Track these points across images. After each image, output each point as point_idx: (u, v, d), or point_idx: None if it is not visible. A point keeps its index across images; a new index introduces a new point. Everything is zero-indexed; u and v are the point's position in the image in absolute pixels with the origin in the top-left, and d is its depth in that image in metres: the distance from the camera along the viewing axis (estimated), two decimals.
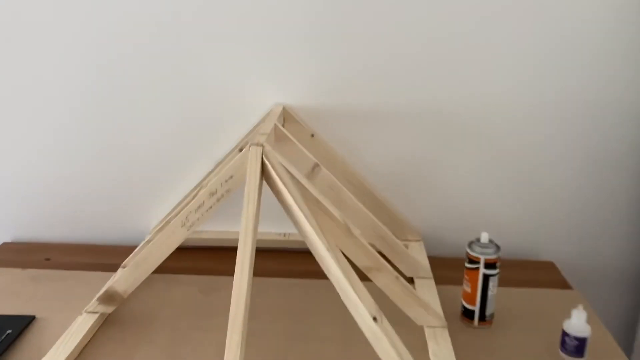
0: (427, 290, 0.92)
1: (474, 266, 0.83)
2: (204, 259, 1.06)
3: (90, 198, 1.14)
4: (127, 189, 1.12)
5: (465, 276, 0.85)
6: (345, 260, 0.68)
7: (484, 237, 0.83)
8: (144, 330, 0.84)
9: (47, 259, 1.07)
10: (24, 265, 1.04)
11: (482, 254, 0.82)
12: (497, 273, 0.83)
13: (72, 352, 0.76)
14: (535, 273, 1.03)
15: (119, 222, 1.15)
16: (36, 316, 0.87)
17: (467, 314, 0.85)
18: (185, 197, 1.06)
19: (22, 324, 0.84)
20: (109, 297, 0.84)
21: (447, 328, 0.82)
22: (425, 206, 1.10)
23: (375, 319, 0.63)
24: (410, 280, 0.95)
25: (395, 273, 0.81)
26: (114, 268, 1.00)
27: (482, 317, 0.84)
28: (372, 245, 0.82)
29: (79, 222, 1.16)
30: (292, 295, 0.94)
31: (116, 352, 0.79)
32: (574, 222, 1.09)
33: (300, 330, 0.84)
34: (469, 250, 0.83)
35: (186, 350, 0.79)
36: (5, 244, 1.15)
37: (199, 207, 0.78)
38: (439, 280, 0.96)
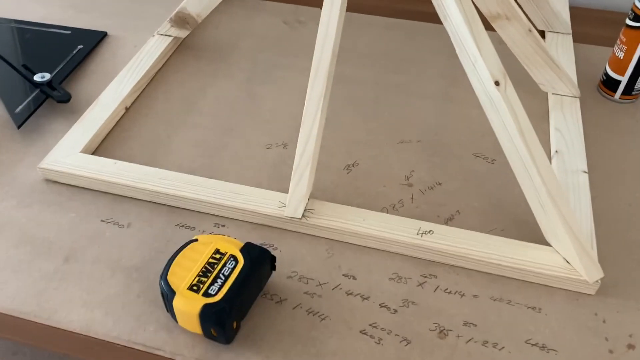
0: (562, 49, 0.73)
1: (638, 25, 0.62)
2: None
3: None
4: None
5: (622, 37, 0.65)
6: (470, 2, 0.50)
7: None
8: (220, 61, 0.75)
9: None
10: None
11: None
12: None
13: (144, 74, 0.70)
14: None
15: None
16: (107, 32, 0.79)
17: (609, 84, 0.68)
18: None
19: (94, 40, 0.77)
20: (181, 20, 0.73)
21: (579, 99, 0.66)
22: None
23: (497, 82, 0.49)
24: (541, 34, 0.76)
25: (529, 24, 0.62)
26: None
27: (629, 89, 0.66)
28: None
29: None
30: (392, 39, 0.79)
31: (190, 80, 0.71)
32: None
33: (397, 80, 0.72)
34: (637, 2, 0.61)
35: (265, 89, 0.70)
36: None
37: None
38: (578, 37, 0.77)
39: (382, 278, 0.50)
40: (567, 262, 0.49)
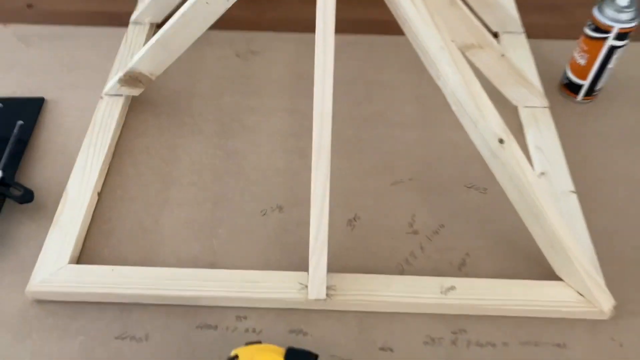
0: (521, 54, 0.75)
1: (599, 35, 0.64)
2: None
3: None
4: None
5: (583, 46, 0.67)
6: (464, 62, 0.49)
7: None
8: (182, 114, 0.70)
9: (29, 5, 0.84)
10: (1, 15, 0.82)
11: (616, 21, 0.62)
12: (626, 43, 0.65)
13: (107, 150, 0.64)
14: None
15: None
16: (44, 97, 0.71)
17: (571, 88, 0.70)
18: None
19: (32, 110, 0.69)
20: (133, 80, 0.66)
21: (548, 109, 0.69)
22: None
23: (501, 140, 0.50)
24: (495, 35, 0.77)
25: (501, 49, 0.63)
26: (117, 18, 0.79)
27: (590, 92, 0.70)
28: None
29: None
30: (353, 60, 0.76)
31: (156, 145, 0.66)
32: None
33: (370, 110, 0.70)
34: (597, 15, 0.63)
35: (240, 142, 0.67)
36: None
37: None
38: (529, 31, 0.78)
39: (417, 344, 0.52)
40: (581, 294, 0.53)
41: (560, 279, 0.54)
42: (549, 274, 0.55)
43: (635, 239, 0.59)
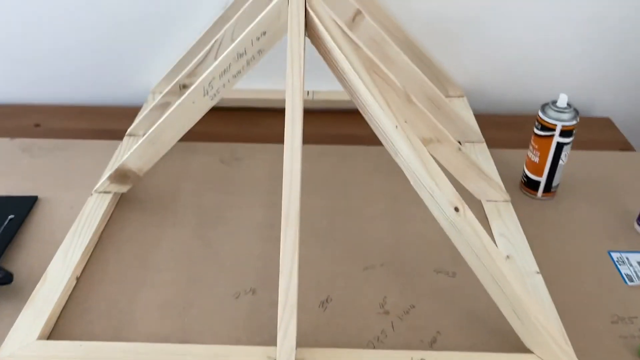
0: (482, 158, 0.81)
1: (546, 134, 0.71)
2: (221, 122, 0.92)
3: (77, 52, 0.96)
4: (120, 40, 0.94)
5: (533, 144, 0.74)
6: (418, 140, 0.55)
7: (562, 100, 0.71)
8: (165, 210, 0.74)
9: (37, 125, 0.93)
10: (11, 133, 0.90)
11: (558, 120, 0.70)
12: (572, 141, 0.72)
13: (91, 239, 0.67)
14: (591, 132, 0.92)
15: (113, 79, 0.99)
16: (38, 196, 0.75)
17: (530, 185, 0.76)
18: (192, 49, 0.89)
19: (25, 207, 0.73)
20: (122, 176, 0.72)
21: (510, 202, 0.73)
22: (469, 58, 0.96)
23: (457, 209, 0.53)
24: (458, 144, 0.84)
25: (457, 144, 0.69)
26: (115, 134, 0.87)
27: (548, 188, 0.75)
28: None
29: (64, 80, 0.99)
30: (332, 164, 0.83)
31: (139, 236, 0.69)
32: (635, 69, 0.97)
33: (345, 205, 0.75)
34: (541, 115, 0.71)
35: (218, 233, 0.70)
36: None
37: (224, 71, 0.62)
38: (488, 142, 0.86)
39: None
40: None
41: (530, 352, 0.54)
42: (520, 347, 0.55)
43: (598, 314, 0.59)
